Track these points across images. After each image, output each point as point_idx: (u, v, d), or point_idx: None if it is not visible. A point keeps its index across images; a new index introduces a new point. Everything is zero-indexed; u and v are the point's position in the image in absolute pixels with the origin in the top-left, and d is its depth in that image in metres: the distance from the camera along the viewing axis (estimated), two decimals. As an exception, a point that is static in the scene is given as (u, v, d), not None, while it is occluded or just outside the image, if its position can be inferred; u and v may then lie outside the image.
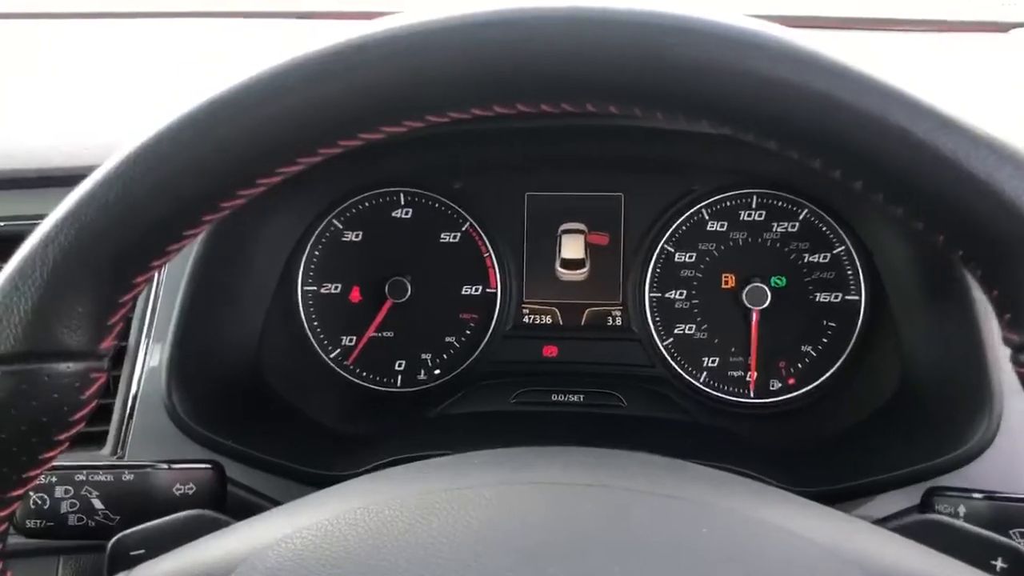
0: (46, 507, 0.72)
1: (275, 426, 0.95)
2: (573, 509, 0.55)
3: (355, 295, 1.09)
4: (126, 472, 0.73)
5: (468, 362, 1.08)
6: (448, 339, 1.09)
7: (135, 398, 0.87)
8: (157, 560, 0.58)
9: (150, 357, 0.87)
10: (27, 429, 0.53)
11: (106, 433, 0.88)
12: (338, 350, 1.09)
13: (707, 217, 1.06)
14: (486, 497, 0.55)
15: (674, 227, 1.06)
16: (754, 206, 1.05)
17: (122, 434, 0.87)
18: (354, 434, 0.97)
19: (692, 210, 1.06)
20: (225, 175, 0.53)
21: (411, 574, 0.49)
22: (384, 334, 1.09)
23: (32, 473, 0.56)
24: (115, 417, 0.88)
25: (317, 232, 1.08)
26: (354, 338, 1.09)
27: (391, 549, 0.51)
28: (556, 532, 0.52)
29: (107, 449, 0.88)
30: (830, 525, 0.55)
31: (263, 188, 0.52)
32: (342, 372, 1.09)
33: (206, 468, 0.76)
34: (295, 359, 1.06)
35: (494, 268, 1.08)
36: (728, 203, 1.05)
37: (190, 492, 0.75)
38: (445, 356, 1.09)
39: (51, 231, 0.54)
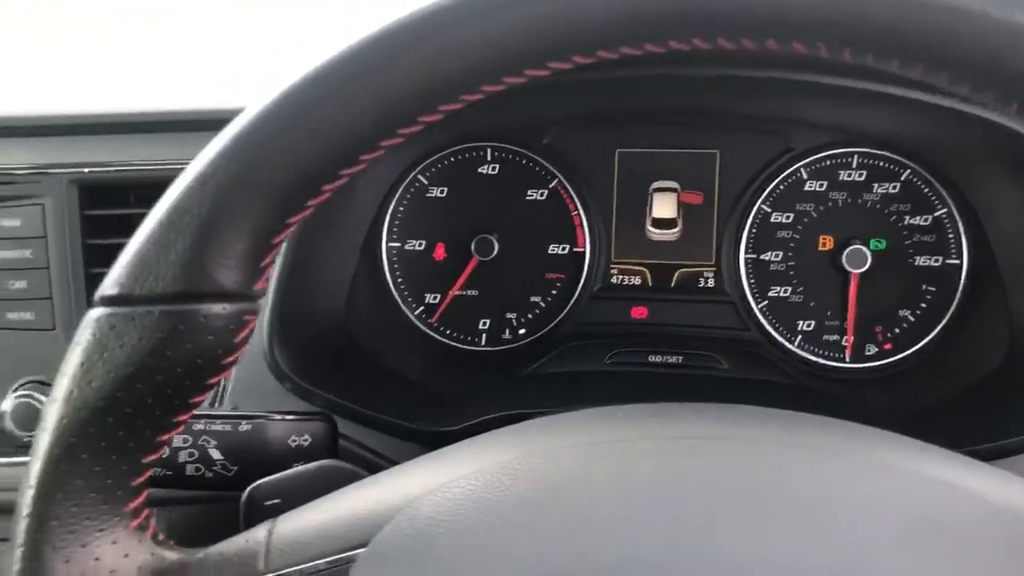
0: (165, 456, 0.71)
1: (368, 382, 0.93)
2: (739, 464, 0.52)
3: (439, 252, 1.06)
4: (243, 423, 0.71)
5: (554, 323, 1.06)
6: (534, 299, 1.06)
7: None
8: (301, 510, 0.56)
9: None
10: (182, 371, 0.52)
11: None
12: (422, 308, 1.07)
13: (805, 177, 1.02)
14: (649, 450, 0.53)
15: (771, 187, 1.03)
16: (854, 166, 1.02)
17: (219, 388, 0.85)
18: (450, 391, 0.96)
19: (790, 169, 1.02)
20: (385, 116, 0.51)
21: (584, 523, 0.48)
22: (468, 292, 1.06)
23: (181, 417, 0.54)
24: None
25: (402, 188, 1.05)
26: (438, 296, 1.06)
27: (563, 498, 0.50)
28: (722, 487, 0.50)
29: (204, 404, 0.86)
30: (994, 480, 0.52)
31: (419, 128, 0.51)
32: (426, 330, 1.07)
33: (319, 420, 0.74)
34: (381, 317, 1.04)
35: (583, 227, 1.05)
36: (828, 162, 1.02)
37: (305, 444, 0.73)
38: (530, 316, 1.06)
39: (208, 169, 0.52)
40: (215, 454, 0.71)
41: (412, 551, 0.50)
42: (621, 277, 1.06)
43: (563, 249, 1.06)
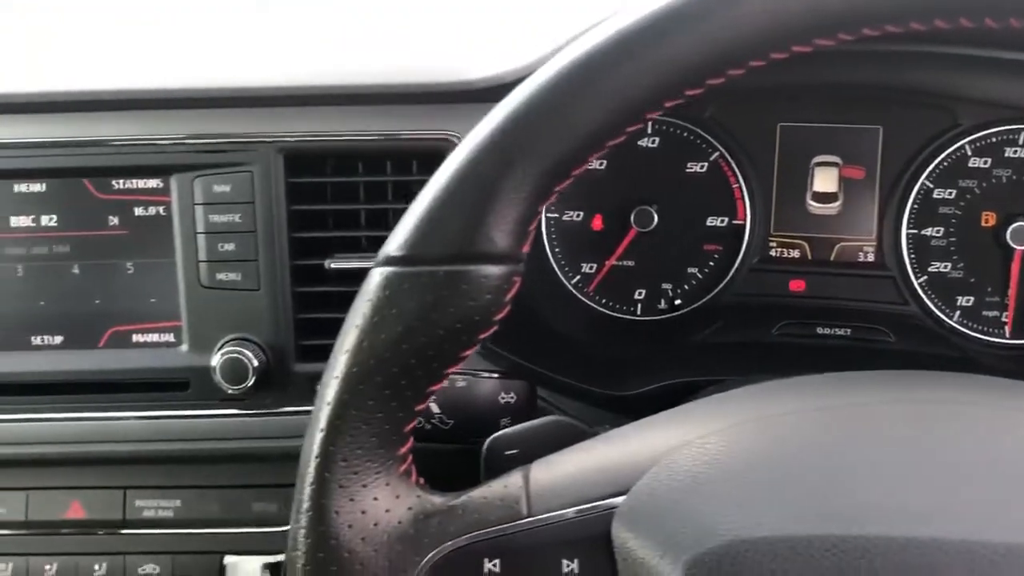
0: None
1: (542, 346, 0.97)
2: (984, 429, 0.55)
3: (597, 223, 1.09)
4: (460, 380, 0.76)
5: (712, 294, 1.08)
6: (691, 270, 1.08)
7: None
8: (552, 460, 0.60)
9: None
10: (461, 327, 0.56)
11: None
12: (578, 277, 1.10)
13: (970, 153, 1.03)
14: (898, 413, 0.55)
15: (935, 163, 1.03)
16: (1020, 143, 1.02)
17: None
18: (615, 357, 0.99)
19: (955, 146, 1.03)
20: (662, 86, 0.54)
21: (841, 476, 0.50)
22: (625, 263, 1.09)
23: (451, 370, 0.58)
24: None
25: None
26: (594, 266, 1.09)
27: (819, 453, 0.52)
28: (972, 451, 0.52)
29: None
30: None
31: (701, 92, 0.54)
32: (583, 299, 1.10)
33: (522, 380, 0.79)
34: (543, 285, 1.08)
35: (743, 199, 1.07)
36: (993, 139, 1.02)
37: (511, 401, 0.77)
38: (686, 287, 1.09)
39: (496, 136, 0.55)
40: (434, 408, 0.76)
41: (671, 500, 0.54)
42: (780, 250, 1.08)
43: (722, 221, 1.08)
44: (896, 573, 0.45)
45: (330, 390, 0.57)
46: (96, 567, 1.01)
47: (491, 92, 0.87)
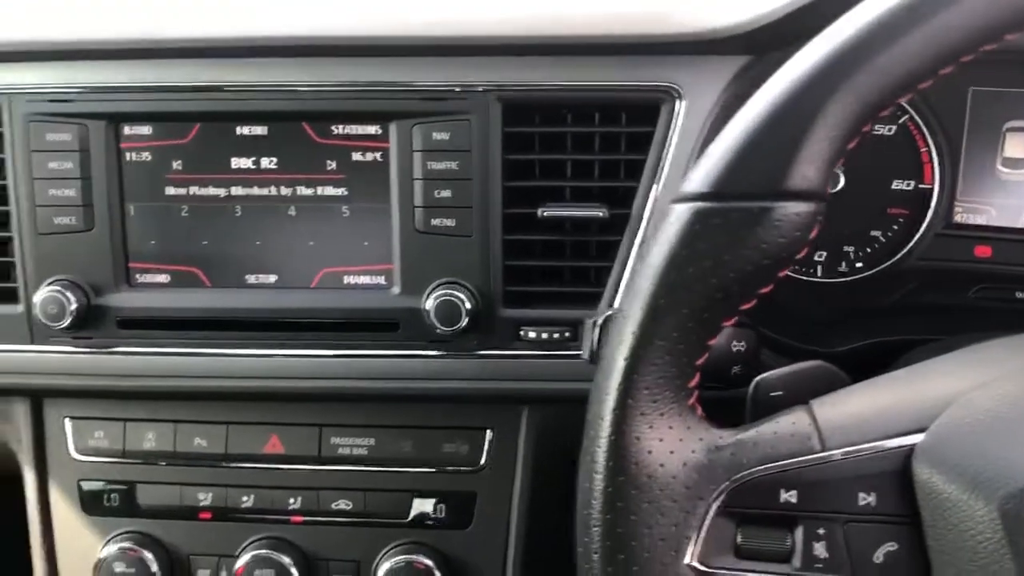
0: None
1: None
2: None
3: (782, 183, 1.09)
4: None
5: (895, 258, 1.08)
6: (874, 233, 1.08)
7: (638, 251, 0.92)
8: (834, 399, 0.62)
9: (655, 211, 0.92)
10: (768, 263, 0.57)
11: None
12: (758, 238, 1.11)
13: None
14: None
15: None
16: None
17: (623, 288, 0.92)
18: (815, 317, 1.00)
19: None
20: (982, 29, 0.55)
21: None
22: (807, 225, 1.09)
23: (747, 306, 0.60)
24: (614, 272, 0.93)
25: (719, 125, 1.08)
26: (777, 226, 1.10)
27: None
28: None
29: (603, 304, 0.94)
30: None
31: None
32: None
33: (750, 329, 0.80)
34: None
35: (931, 163, 1.06)
36: None
37: (742, 349, 0.79)
38: (869, 250, 1.09)
39: (816, 72, 0.56)
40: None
41: (975, 439, 0.55)
42: (966, 215, 1.07)
43: (908, 185, 1.07)
44: None
45: (632, 321, 0.59)
46: (291, 500, 1.06)
47: (720, 43, 0.88)
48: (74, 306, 0.95)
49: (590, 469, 0.60)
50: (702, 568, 0.58)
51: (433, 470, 1.04)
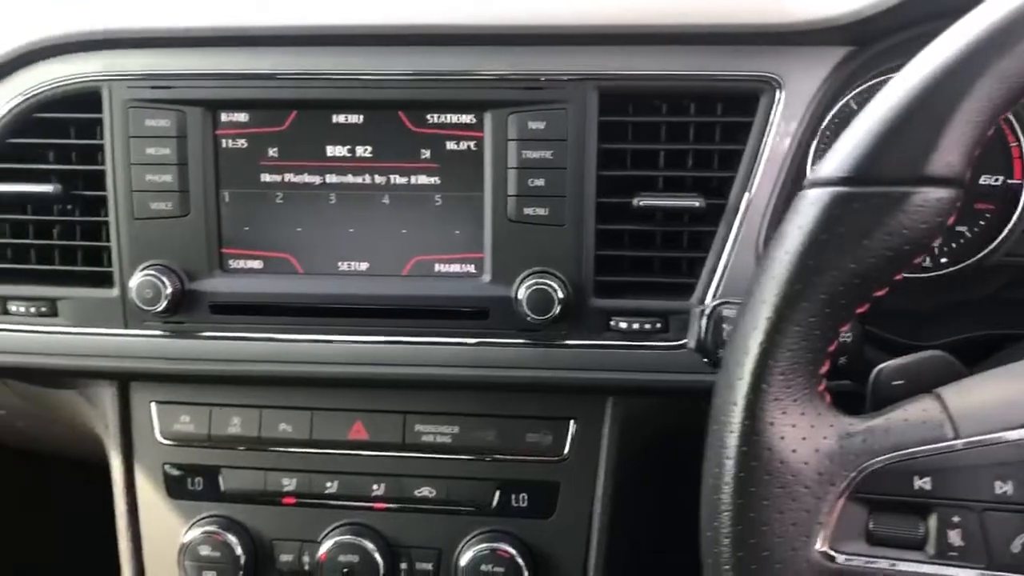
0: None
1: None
2: None
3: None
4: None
5: (982, 253, 1.07)
6: (960, 228, 1.07)
7: (735, 241, 0.92)
8: (961, 387, 0.61)
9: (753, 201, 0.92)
10: (908, 248, 0.57)
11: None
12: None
13: None
14: None
15: None
16: None
17: (718, 278, 0.93)
18: (906, 310, 0.99)
19: None
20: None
21: None
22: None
23: (880, 293, 0.60)
24: (709, 263, 0.93)
25: (832, 113, 1.08)
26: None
27: None
28: None
29: (696, 295, 0.94)
30: None
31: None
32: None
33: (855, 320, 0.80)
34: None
35: (1022, 159, 1.05)
36: None
37: (848, 340, 0.79)
38: (954, 245, 1.08)
39: (962, 56, 0.56)
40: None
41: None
42: (1056, 211, 1.06)
43: (996, 180, 1.06)
44: None
45: (768, 306, 0.59)
46: (375, 487, 1.07)
47: (824, 33, 0.88)
48: (169, 290, 0.96)
49: (720, 455, 0.60)
50: (833, 553, 0.58)
51: (516, 459, 1.04)
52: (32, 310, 1.01)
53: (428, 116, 0.95)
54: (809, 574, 0.58)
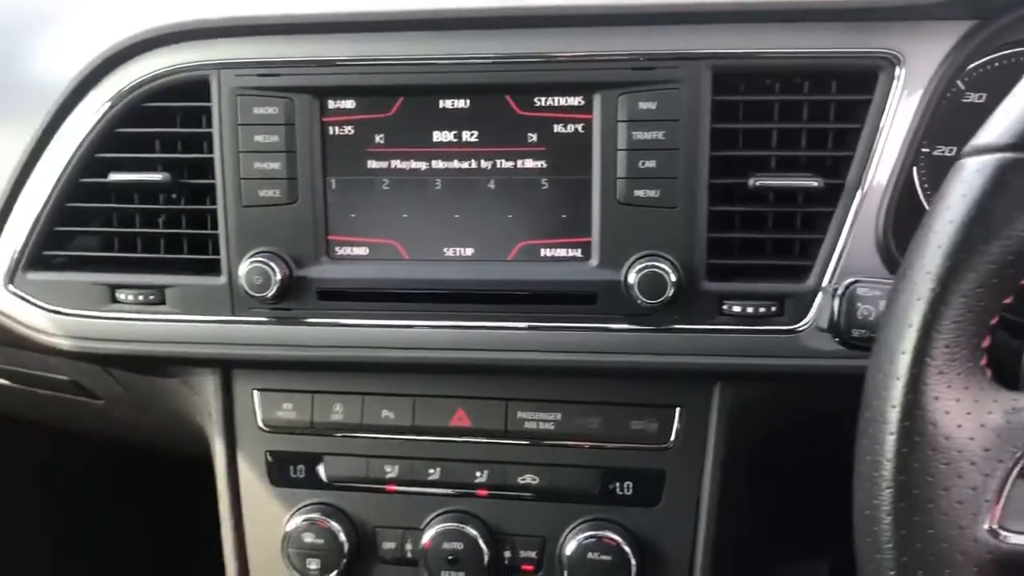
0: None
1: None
2: None
3: (971, 158, 1.06)
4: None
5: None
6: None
7: (853, 222, 0.91)
8: None
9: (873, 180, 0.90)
10: None
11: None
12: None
13: None
14: None
15: None
16: None
17: (836, 259, 0.91)
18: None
19: None
20: None
21: None
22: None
23: None
24: (826, 244, 0.91)
25: (938, 94, 1.05)
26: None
27: None
28: None
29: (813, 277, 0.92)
30: None
31: None
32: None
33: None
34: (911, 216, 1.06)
35: None
36: None
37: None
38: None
39: None
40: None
41: None
42: None
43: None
44: None
45: (931, 277, 0.57)
46: (477, 474, 1.06)
47: (947, 7, 0.86)
48: (279, 277, 0.96)
49: (879, 431, 0.58)
50: (1002, 532, 0.56)
51: (621, 447, 1.03)
52: (140, 298, 1.02)
53: (535, 99, 0.94)
54: (976, 553, 0.56)
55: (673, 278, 0.91)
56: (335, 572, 1.07)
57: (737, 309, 0.93)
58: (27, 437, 1.76)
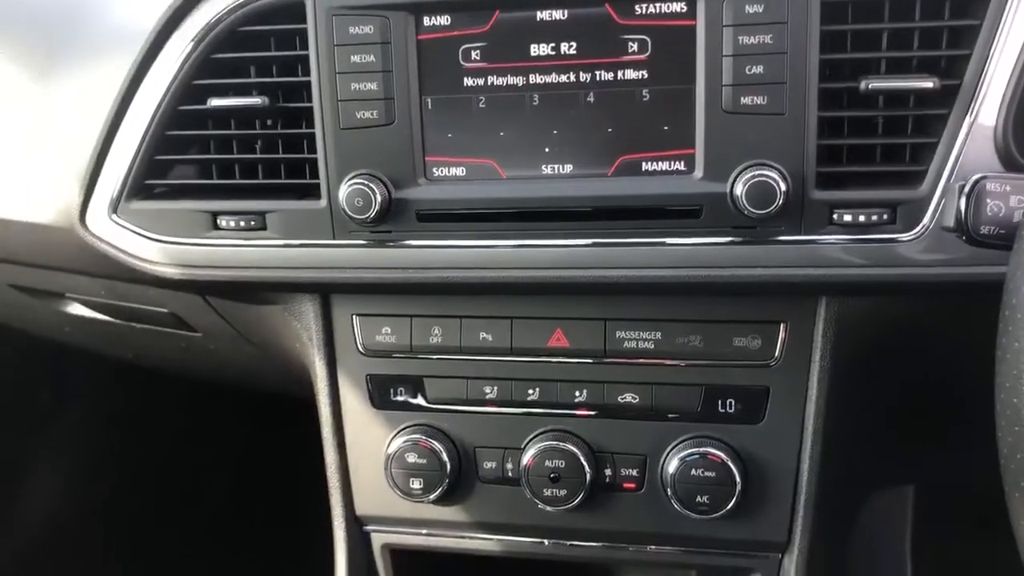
0: None
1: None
2: None
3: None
4: None
5: None
6: None
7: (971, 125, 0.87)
8: None
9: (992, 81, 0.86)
10: None
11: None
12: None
13: None
14: None
15: None
16: None
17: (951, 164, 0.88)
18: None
19: None
20: None
21: None
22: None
23: None
24: (941, 148, 0.88)
25: None
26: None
27: None
28: None
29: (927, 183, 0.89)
30: None
31: None
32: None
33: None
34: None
35: None
36: None
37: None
38: None
39: None
40: None
41: None
42: None
43: None
44: None
45: None
46: (577, 394, 1.06)
47: None
48: (379, 199, 0.96)
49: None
50: None
51: (723, 364, 1.02)
52: (242, 224, 1.03)
53: (636, 7, 0.92)
54: None
55: (783, 187, 0.88)
56: (438, 490, 1.09)
57: (848, 218, 0.90)
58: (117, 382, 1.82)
